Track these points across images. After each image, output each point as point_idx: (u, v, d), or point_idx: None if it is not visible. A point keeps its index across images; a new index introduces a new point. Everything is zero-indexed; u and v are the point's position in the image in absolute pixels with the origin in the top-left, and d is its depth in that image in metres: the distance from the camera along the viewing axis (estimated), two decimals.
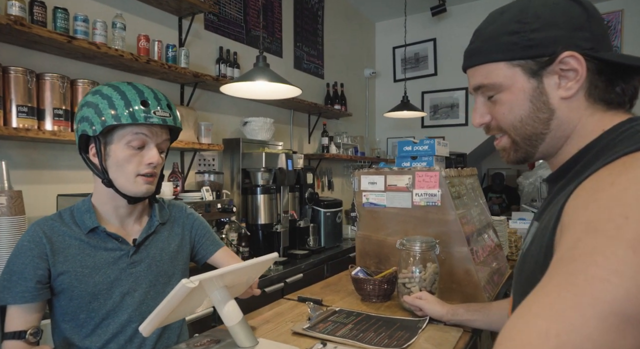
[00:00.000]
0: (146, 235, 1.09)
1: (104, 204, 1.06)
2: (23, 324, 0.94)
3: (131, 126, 0.99)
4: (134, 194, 1.02)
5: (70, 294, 0.98)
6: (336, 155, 3.75)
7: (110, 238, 1.03)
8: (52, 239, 0.98)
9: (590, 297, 0.39)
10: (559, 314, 0.40)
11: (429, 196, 1.33)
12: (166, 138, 1.06)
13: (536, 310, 0.42)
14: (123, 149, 0.99)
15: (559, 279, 0.43)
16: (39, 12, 1.76)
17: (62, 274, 0.97)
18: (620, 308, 0.38)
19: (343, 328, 1.08)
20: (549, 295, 0.42)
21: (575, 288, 0.41)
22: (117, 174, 1.00)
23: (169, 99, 1.07)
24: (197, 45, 2.70)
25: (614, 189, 0.45)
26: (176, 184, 2.35)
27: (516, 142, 0.66)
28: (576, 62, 0.59)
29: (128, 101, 0.98)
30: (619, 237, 0.41)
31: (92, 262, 1.00)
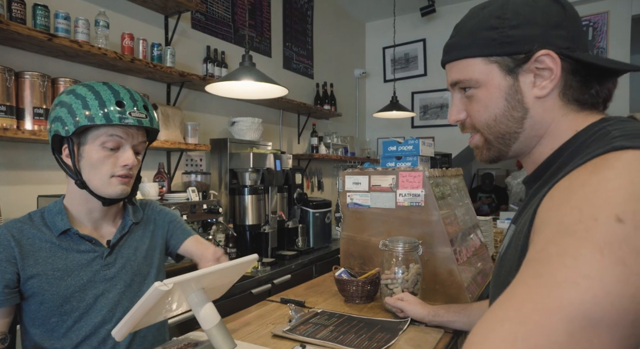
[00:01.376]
0: (120, 236, 1.07)
1: (77, 206, 1.03)
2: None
3: (105, 127, 0.96)
4: (108, 196, 1.00)
5: (40, 298, 0.95)
6: (325, 155, 3.73)
7: (83, 240, 1.01)
8: (21, 242, 0.95)
9: (557, 300, 0.39)
10: (526, 318, 0.39)
11: (413, 196, 1.32)
12: (142, 140, 1.04)
13: (503, 313, 0.41)
14: (97, 150, 0.97)
15: (528, 282, 0.42)
16: (17, 9, 1.73)
17: (32, 278, 0.94)
18: (587, 312, 0.37)
19: (324, 330, 1.07)
20: (517, 298, 0.42)
21: (542, 291, 0.40)
22: (91, 176, 0.98)
23: (145, 99, 1.05)
24: (184, 44, 2.67)
25: (585, 191, 0.45)
26: (162, 185, 2.32)
27: (489, 140, 0.65)
28: (551, 61, 0.58)
29: (102, 101, 0.95)
30: (588, 239, 0.40)
31: (63, 265, 0.97)
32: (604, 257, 0.39)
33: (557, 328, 0.37)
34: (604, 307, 0.37)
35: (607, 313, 0.37)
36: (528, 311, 0.39)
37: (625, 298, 0.37)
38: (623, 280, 0.38)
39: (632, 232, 0.39)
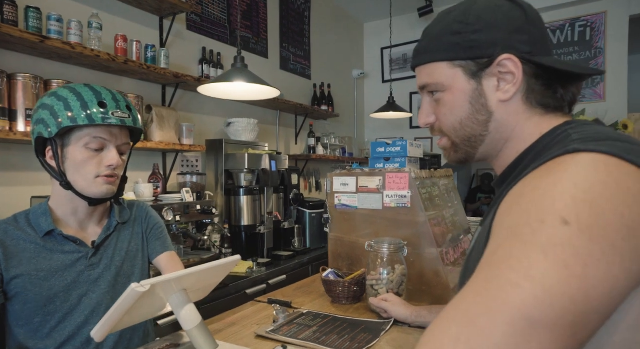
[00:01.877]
0: (105, 236, 1.08)
1: (62, 207, 1.04)
2: None
3: (89, 128, 0.97)
4: (94, 196, 1.01)
5: (24, 298, 0.96)
6: (323, 156, 3.74)
7: (67, 241, 1.02)
8: (5, 243, 0.96)
9: (500, 302, 0.39)
10: (471, 320, 0.40)
11: (399, 197, 1.32)
12: (126, 141, 1.05)
13: (452, 315, 0.42)
14: (81, 151, 0.98)
15: (477, 285, 0.43)
16: (9, 12, 1.74)
17: (16, 278, 0.95)
18: (527, 313, 0.38)
19: (307, 331, 1.07)
20: (466, 301, 0.42)
21: (488, 293, 0.41)
22: (76, 177, 0.99)
23: (128, 100, 1.06)
24: (180, 45, 2.68)
25: (535, 194, 0.45)
26: (156, 186, 2.33)
27: (456, 143, 0.66)
28: (513, 65, 0.58)
29: (85, 102, 0.96)
30: (534, 241, 0.41)
31: (47, 265, 0.98)
32: (547, 259, 0.39)
33: (498, 330, 0.38)
34: (544, 308, 0.38)
35: (547, 314, 0.38)
36: (474, 314, 0.40)
37: (565, 299, 0.38)
38: (564, 282, 0.38)
39: (577, 234, 0.40)
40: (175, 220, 2.09)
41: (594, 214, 0.40)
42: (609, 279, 0.39)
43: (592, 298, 0.39)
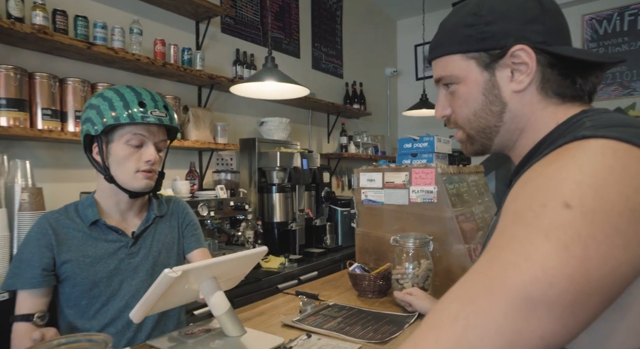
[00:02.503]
0: (144, 228, 1.15)
1: (106, 199, 1.13)
2: (31, 308, 1.01)
3: (129, 126, 1.05)
4: (134, 189, 1.09)
5: (73, 282, 1.05)
6: (355, 154, 3.75)
7: (110, 231, 1.10)
8: (57, 230, 1.06)
9: (500, 282, 0.41)
10: (471, 298, 0.42)
11: (425, 192, 1.32)
12: (163, 138, 1.12)
13: (454, 295, 0.44)
14: (123, 147, 1.06)
15: (480, 266, 0.44)
16: (60, 21, 1.88)
17: (66, 263, 1.04)
18: (527, 292, 0.39)
19: (332, 321, 1.10)
20: (468, 281, 0.44)
21: (490, 273, 0.42)
22: (118, 171, 1.07)
23: (166, 100, 1.13)
24: (215, 48, 2.78)
25: (540, 179, 0.46)
26: (193, 183, 2.43)
27: (471, 135, 0.67)
28: (526, 56, 0.58)
29: (127, 102, 1.04)
30: (536, 225, 0.42)
31: (93, 252, 1.07)
32: (547, 241, 0.40)
33: (497, 308, 0.40)
34: (542, 287, 0.39)
35: (546, 293, 0.38)
36: (475, 293, 0.42)
37: (564, 279, 0.39)
38: (563, 262, 0.39)
39: (578, 217, 0.40)
40: (209, 215, 2.18)
41: (598, 197, 0.41)
42: (610, 260, 0.39)
43: (592, 279, 0.39)
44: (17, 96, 1.74)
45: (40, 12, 1.79)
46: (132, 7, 2.29)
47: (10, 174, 1.64)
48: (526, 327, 0.39)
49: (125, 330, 1.08)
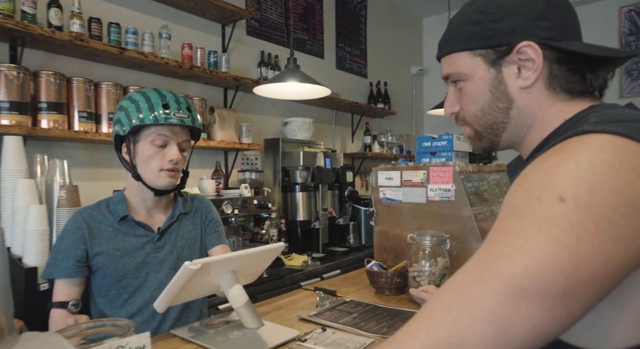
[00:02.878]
0: (169, 224, 1.21)
1: (134, 196, 1.19)
2: (66, 296, 1.09)
3: (154, 126, 1.11)
4: (158, 187, 1.15)
5: (103, 273, 1.12)
6: (379, 154, 3.74)
7: (138, 226, 1.16)
8: (90, 225, 1.13)
9: (493, 273, 0.42)
10: (464, 288, 0.43)
11: (443, 191, 1.32)
12: (186, 138, 1.18)
13: (449, 285, 0.46)
14: (148, 147, 1.12)
15: (475, 259, 0.46)
16: (95, 28, 1.99)
17: (97, 255, 1.12)
18: (517, 282, 0.40)
19: (347, 317, 1.12)
20: (463, 272, 0.45)
21: (483, 265, 0.44)
22: (144, 169, 1.13)
23: (189, 102, 1.18)
24: (240, 50, 2.85)
25: (537, 173, 0.47)
26: (218, 182, 2.51)
27: (479, 132, 0.67)
28: (532, 52, 0.59)
29: (152, 104, 1.10)
30: (530, 218, 0.43)
31: (122, 246, 1.14)
32: (540, 234, 0.41)
33: (488, 297, 0.41)
34: (533, 278, 0.40)
35: (536, 283, 0.40)
36: (468, 283, 0.43)
37: (555, 270, 0.40)
38: (554, 254, 0.40)
39: (572, 211, 0.41)
40: (233, 213, 2.24)
41: (592, 191, 0.41)
42: (603, 253, 0.40)
43: (584, 271, 0.40)
44: (57, 99, 1.85)
45: (77, 20, 1.90)
46: (161, 12, 2.39)
47: (50, 173, 1.75)
48: (516, 317, 0.40)
49: (151, 320, 1.15)
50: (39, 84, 1.83)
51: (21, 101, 1.74)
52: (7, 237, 1.62)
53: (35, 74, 1.83)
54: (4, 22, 1.66)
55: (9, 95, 1.72)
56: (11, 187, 1.61)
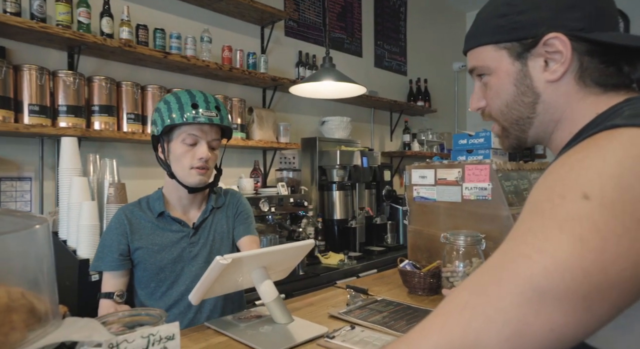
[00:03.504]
0: (202, 219, 1.26)
1: (171, 194, 1.25)
2: (112, 287, 1.16)
3: (184, 126, 1.15)
4: (190, 184, 1.19)
5: (143, 266, 1.19)
6: (418, 152, 3.67)
7: (174, 222, 1.22)
8: (131, 221, 1.20)
9: (510, 272, 0.41)
10: (481, 288, 0.42)
11: (479, 189, 1.28)
12: (216, 137, 1.21)
13: (466, 284, 0.45)
14: (179, 145, 1.17)
15: (494, 258, 0.45)
16: (142, 34, 2.10)
17: (138, 249, 1.18)
18: (536, 284, 0.39)
19: (377, 315, 1.12)
20: (481, 272, 0.44)
21: (501, 264, 0.42)
22: (177, 167, 1.19)
23: (219, 101, 1.22)
24: (278, 50, 2.90)
25: (562, 170, 0.45)
26: (257, 180, 2.57)
27: (505, 128, 0.65)
28: (560, 44, 0.56)
29: (182, 104, 1.15)
30: (552, 216, 0.41)
31: (160, 240, 1.20)
32: (562, 233, 0.39)
33: (505, 298, 0.40)
34: (553, 280, 0.38)
35: (556, 285, 0.38)
36: (485, 283, 0.42)
37: (577, 271, 0.38)
38: (576, 255, 0.38)
39: (597, 209, 0.39)
40: (270, 211, 2.29)
41: (620, 188, 0.39)
42: (631, 255, 0.38)
43: (610, 273, 0.38)
44: (108, 102, 1.98)
45: (126, 27, 2.02)
46: (203, 17, 2.48)
47: (101, 171, 1.88)
48: (535, 319, 0.39)
49: (187, 311, 1.20)
50: (92, 88, 1.96)
51: (77, 104, 1.88)
52: (63, 231, 1.75)
53: (89, 79, 1.96)
54: (63, 32, 1.80)
55: (66, 99, 1.86)
56: (67, 184, 1.74)
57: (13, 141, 1.85)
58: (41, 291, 0.58)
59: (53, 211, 1.89)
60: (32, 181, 1.91)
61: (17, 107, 1.75)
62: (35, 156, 1.91)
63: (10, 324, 0.52)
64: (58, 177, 1.80)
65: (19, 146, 1.87)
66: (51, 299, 0.59)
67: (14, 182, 1.89)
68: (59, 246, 1.69)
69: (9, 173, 1.86)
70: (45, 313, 0.57)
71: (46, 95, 1.81)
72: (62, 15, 1.84)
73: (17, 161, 1.88)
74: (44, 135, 1.85)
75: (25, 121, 1.75)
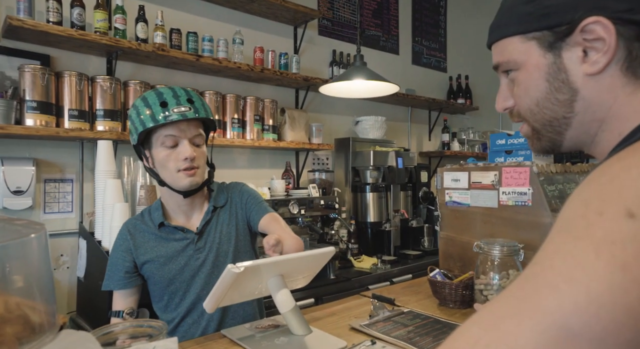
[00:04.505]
0: (205, 222, 1.18)
1: (168, 202, 1.20)
2: (122, 306, 1.15)
3: (160, 128, 1.07)
4: (181, 188, 1.11)
5: (153, 280, 1.16)
6: (458, 152, 3.51)
7: (176, 230, 1.17)
8: (134, 235, 1.17)
9: (532, 305, 0.33)
10: (496, 323, 0.35)
11: (518, 194, 1.16)
12: (197, 132, 1.11)
13: (480, 316, 0.38)
14: (160, 150, 1.09)
15: (514, 286, 0.37)
16: (176, 38, 2.13)
17: (145, 264, 1.15)
18: (563, 322, 0.31)
19: (401, 329, 1.04)
20: (499, 301, 0.37)
21: (521, 294, 0.35)
22: (164, 174, 1.11)
23: (192, 93, 1.10)
24: (312, 50, 2.86)
25: (601, 180, 0.37)
26: (288, 182, 2.55)
27: (536, 129, 0.56)
28: (602, 29, 0.47)
29: (149, 105, 1.06)
30: (586, 237, 0.33)
31: (165, 252, 1.15)
32: (598, 258, 0.32)
33: (524, 336, 0.32)
34: (587, 318, 0.31)
35: (590, 326, 0.30)
36: (501, 316, 0.35)
37: (619, 309, 0.30)
38: (618, 287, 0.30)
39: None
40: (300, 213, 2.25)
41: None
42: None
43: None
44: None
45: (160, 32, 2.06)
46: (235, 19, 2.49)
47: (134, 174, 1.92)
48: None
49: (200, 319, 1.16)
50: (128, 92, 2.01)
51: (113, 108, 1.94)
52: (99, 231, 1.81)
53: (125, 83, 2.02)
54: (100, 38, 1.86)
55: (103, 103, 1.92)
56: (103, 186, 1.79)
57: (56, 144, 1.94)
58: (37, 302, 0.57)
59: (90, 212, 1.95)
60: (74, 183, 1.99)
61: (59, 112, 1.83)
62: (76, 158, 1.99)
63: (0, 337, 0.51)
64: (95, 179, 1.86)
65: (61, 149, 1.95)
66: (47, 309, 0.58)
67: (57, 184, 1.98)
68: (94, 247, 1.74)
69: (53, 175, 1.95)
70: (40, 324, 0.56)
71: (85, 100, 1.88)
72: (100, 23, 1.90)
73: (60, 164, 1.96)
74: (83, 138, 1.92)
75: (66, 125, 1.83)
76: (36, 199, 1.87)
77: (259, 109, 2.40)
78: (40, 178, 1.89)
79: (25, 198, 1.81)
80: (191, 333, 1.16)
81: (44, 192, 1.92)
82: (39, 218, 1.89)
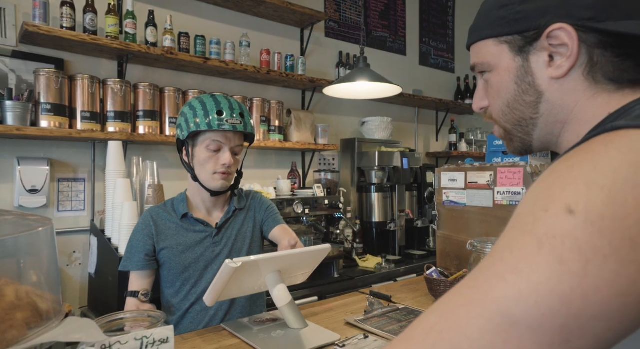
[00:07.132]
0: (225, 219, 1.29)
1: (195, 196, 1.29)
2: (138, 287, 1.21)
3: (209, 132, 1.19)
4: (212, 189, 1.23)
5: (169, 266, 1.23)
6: (466, 153, 3.51)
7: (197, 223, 1.26)
8: (157, 222, 1.25)
9: (482, 295, 0.37)
10: (449, 311, 0.39)
11: (512, 194, 1.18)
12: (239, 143, 1.24)
13: (436, 305, 0.41)
14: (203, 151, 1.20)
15: (469, 277, 0.40)
16: (184, 42, 2.19)
17: (163, 250, 1.23)
18: (507, 309, 0.34)
19: (394, 325, 1.07)
20: (455, 291, 0.41)
21: (474, 285, 0.38)
22: (200, 172, 1.22)
23: (244, 108, 1.24)
24: (319, 52, 2.90)
25: (549, 179, 0.39)
26: (294, 182, 2.59)
27: (507, 130, 0.59)
28: (566, 36, 0.49)
29: (207, 111, 1.18)
30: (532, 231, 0.36)
31: (184, 241, 1.24)
32: (540, 252, 0.35)
33: (473, 323, 0.36)
34: (526, 306, 0.33)
35: (530, 313, 0.33)
36: (454, 305, 0.39)
37: (554, 298, 0.33)
38: (555, 279, 0.33)
39: (581, 225, 0.34)
40: (304, 213, 2.29)
41: (610, 202, 0.33)
42: (619, 280, 0.32)
43: (592, 302, 0.32)
44: (151, 107, 2.09)
45: (169, 36, 2.12)
46: (242, 22, 2.54)
47: (143, 173, 1.99)
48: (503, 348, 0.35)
49: (208, 309, 1.23)
50: (137, 94, 2.08)
51: (123, 110, 2.00)
52: (109, 229, 1.87)
53: (135, 86, 2.08)
54: (111, 43, 1.92)
55: (114, 105, 1.99)
56: (112, 185, 1.86)
57: (69, 145, 2.01)
58: (45, 291, 0.62)
59: (101, 210, 2.02)
60: (86, 182, 2.07)
61: (71, 113, 1.90)
62: (88, 158, 2.06)
63: (10, 322, 0.56)
64: (105, 179, 1.93)
65: (74, 150, 2.03)
66: (54, 298, 0.62)
67: (70, 183, 2.05)
68: (104, 244, 1.81)
69: (66, 174, 2.03)
70: (47, 311, 0.61)
71: (96, 102, 1.95)
72: (111, 27, 1.97)
73: (73, 164, 2.04)
74: (94, 139, 1.99)
75: (78, 126, 1.90)
76: (50, 197, 1.95)
77: (266, 110, 2.45)
78: (54, 177, 1.97)
79: (40, 197, 1.89)
80: (199, 319, 1.23)
81: (58, 191, 2.00)
82: (53, 216, 1.97)
